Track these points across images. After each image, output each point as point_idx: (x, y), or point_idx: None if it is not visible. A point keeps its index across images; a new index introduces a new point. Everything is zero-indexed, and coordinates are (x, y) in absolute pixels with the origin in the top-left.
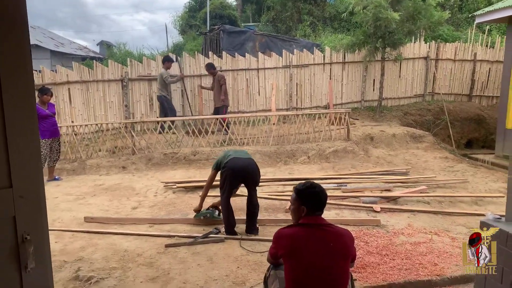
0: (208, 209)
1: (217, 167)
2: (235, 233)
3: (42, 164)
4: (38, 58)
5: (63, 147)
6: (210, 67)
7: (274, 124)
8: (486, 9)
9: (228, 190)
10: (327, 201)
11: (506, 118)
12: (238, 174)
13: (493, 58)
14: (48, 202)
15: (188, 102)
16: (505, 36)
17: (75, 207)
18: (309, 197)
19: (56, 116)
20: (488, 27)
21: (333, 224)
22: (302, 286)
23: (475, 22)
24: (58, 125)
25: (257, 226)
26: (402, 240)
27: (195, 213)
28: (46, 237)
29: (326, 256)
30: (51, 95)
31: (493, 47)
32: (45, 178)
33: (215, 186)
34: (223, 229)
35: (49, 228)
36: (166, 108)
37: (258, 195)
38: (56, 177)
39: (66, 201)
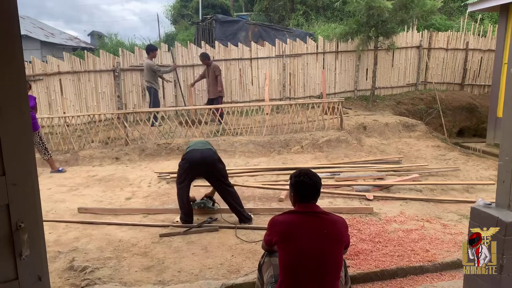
0: (202, 199)
1: None
2: (191, 221)
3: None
4: (28, 49)
5: (55, 139)
6: (204, 57)
7: (267, 114)
8: None
9: (186, 184)
10: (322, 190)
11: (497, 107)
12: (196, 166)
13: (485, 47)
14: (41, 194)
15: (181, 92)
16: (497, 25)
17: (69, 198)
18: (299, 186)
19: (38, 109)
20: (480, 16)
21: (328, 212)
22: (295, 271)
23: (467, 11)
24: (50, 116)
25: (250, 214)
26: (394, 227)
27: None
28: (40, 224)
29: (320, 242)
30: (29, 87)
31: (485, 36)
32: (49, 170)
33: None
34: (217, 217)
35: (43, 219)
36: (151, 100)
37: (252, 185)
38: (60, 168)
39: (60, 192)
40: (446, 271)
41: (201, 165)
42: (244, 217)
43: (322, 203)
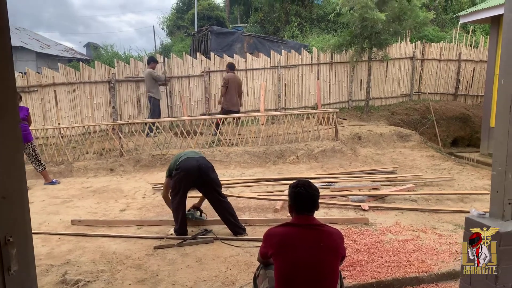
0: (189, 210)
1: (170, 173)
2: (185, 234)
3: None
4: (24, 60)
5: (49, 150)
6: (227, 67)
7: (262, 124)
8: (470, 10)
9: (181, 195)
10: None
11: (490, 117)
12: (193, 174)
13: (477, 58)
14: (34, 206)
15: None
16: (488, 36)
17: (62, 210)
18: (295, 197)
19: (32, 120)
20: (472, 27)
21: (324, 224)
22: (291, 283)
23: (459, 23)
24: (44, 127)
25: (243, 225)
26: (390, 238)
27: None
28: (30, 239)
29: (316, 253)
30: (20, 98)
31: (477, 47)
32: (43, 182)
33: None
34: (212, 229)
35: (35, 231)
36: (151, 109)
37: (247, 195)
38: (54, 180)
39: (53, 204)
40: (442, 282)
41: (198, 173)
42: (239, 229)
43: (318, 213)
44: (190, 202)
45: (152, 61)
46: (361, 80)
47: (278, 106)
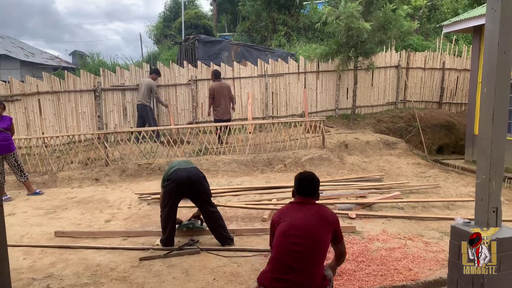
0: (189, 219)
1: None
2: (171, 244)
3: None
4: (8, 69)
5: (32, 160)
6: (212, 75)
7: (250, 132)
8: (453, 20)
9: (170, 206)
10: None
11: (474, 125)
12: (183, 185)
13: (460, 67)
14: (16, 217)
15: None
16: (471, 46)
17: (46, 222)
18: (296, 181)
19: (15, 130)
20: (455, 36)
21: (319, 204)
22: (287, 238)
23: (442, 32)
24: (27, 137)
25: (231, 236)
26: (377, 246)
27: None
28: (5, 254)
29: (308, 219)
30: (3, 108)
31: (460, 56)
32: (25, 193)
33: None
34: (198, 240)
35: (17, 244)
36: (150, 118)
37: (235, 205)
38: (37, 191)
39: (36, 216)
40: None
41: (188, 184)
42: (227, 239)
43: None
44: (184, 213)
45: (154, 72)
46: (347, 88)
47: (266, 115)
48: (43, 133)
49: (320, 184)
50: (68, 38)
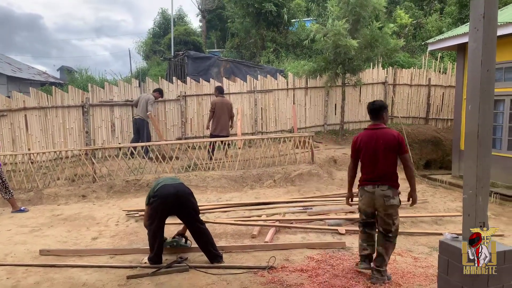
0: (174, 237)
1: (149, 201)
2: (160, 262)
3: None
4: None
5: (18, 177)
6: (215, 90)
7: (239, 148)
8: (437, 38)
9: (158, 222)
10: (294, 225)
11: (460, 140)
12: (170, 202)
13: (446, 83)
14: (0, 235)
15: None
16: (455, 63)
17: (30, 240)
18: (368, 107)
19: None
20: (440, 54)
21: (386, 127)
22: (366, 163)
23: (428, 50)
24: (13, 153)
25: (221, 253)
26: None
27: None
28: None
29: (376, 146)
30: None
31: (445, 73)
32: (10, 210)
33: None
34: (187, 257)
35: (0, 263)
36: (145, 133)
37: (224, 221)
38: (22, 208)
39: (21, 234)
40: None
41: (175, 200)
42: (216, 256)
43: (295, 238)
44: (172, 230)
45: (158, 91)
46: (335, 104)
47: (255, 130)
48: (29, 149)
49: (310, 200)
50: (56, 53)
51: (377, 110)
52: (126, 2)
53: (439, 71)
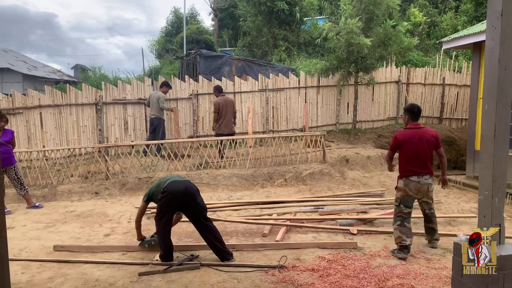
0: (152, 236)
1: (149, 198)
2: (171, 260)
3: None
4: (10, 82)
5: (33, 173)
6: (214, 90)
7: (251, 147)
8: (453, 36)
9: (167, 219)
10: (305, 224)
11: (475, 140)
12: (180, 197)
13: (460, 82)
14: (15, 231)
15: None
16: (471, 62)
17: (44, 235)
18: (410, 111)
19: (16, 143)
20: (455, 53)
21: (424, 126)
22: (411, 156)
23: (442, 48)
24: (28, 150)
25: (230, 251)
26: (379, 262)
27: (139, 242)
28: (6, 267)
29: (419, 143)
30: (6, 121)
31: (460, 72)
32: (25, 206)
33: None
34: (198, 254)
35: (15, 258)
36: (161, 131)
37: (235, 219)
38: (37, 204)
39: (35, 229)
40: None
41: (185, 197)
42: (226, 254)
43: (306, 237)
44: (181, 226)
45: (165, 85)
46: (348, 103)
47: (266, 129)
48: (43, 146)
49: (321, 199)
50: (70, 52)
51: (417, 113)
52: (139, 1)
53: (454, 70)
